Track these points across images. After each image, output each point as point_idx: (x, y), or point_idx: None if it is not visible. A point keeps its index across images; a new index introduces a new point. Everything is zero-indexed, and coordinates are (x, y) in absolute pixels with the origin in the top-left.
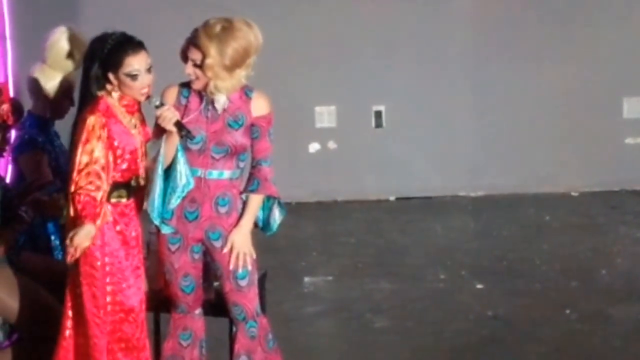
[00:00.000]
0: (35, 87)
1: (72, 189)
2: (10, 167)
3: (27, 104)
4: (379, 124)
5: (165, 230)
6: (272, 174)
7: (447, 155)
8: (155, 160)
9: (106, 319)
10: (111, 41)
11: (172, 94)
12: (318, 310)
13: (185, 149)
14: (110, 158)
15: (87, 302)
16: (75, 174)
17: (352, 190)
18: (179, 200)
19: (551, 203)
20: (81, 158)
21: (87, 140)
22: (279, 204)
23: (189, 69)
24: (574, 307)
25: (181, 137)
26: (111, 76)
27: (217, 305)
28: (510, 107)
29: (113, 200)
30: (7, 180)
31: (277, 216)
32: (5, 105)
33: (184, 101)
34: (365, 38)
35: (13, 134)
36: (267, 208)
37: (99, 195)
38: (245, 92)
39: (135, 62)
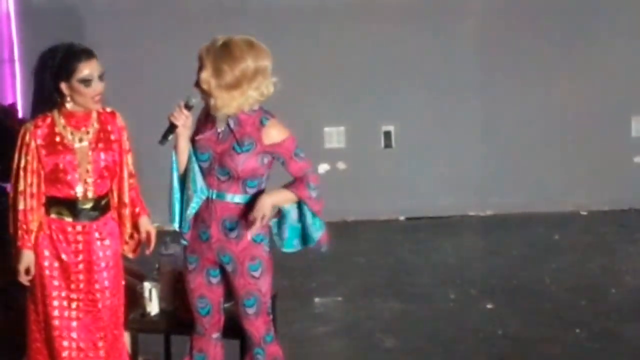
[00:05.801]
0: None
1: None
2: None
3: None
4: (388, 144)
5: (182, 242)
6: (315, 181)
7: (456, 174)
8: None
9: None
10: (63, 50)
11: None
12: (328, 331)
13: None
14: (39, 168)
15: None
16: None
17: (362, 211)
18: (196, 208)
19: (560, 222)
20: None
21: (19, 149)
22: (314, 217)
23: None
24: (583, 326)
25: (162, 137)
26: (63, 85)
27: (228, 328)
28: (518, 126)
29: (52, 215)
30: None
31: (316, 229)
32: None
33: (202, 118)
34: (373, 59)
35: None
36: (318, 227)
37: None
38: (261, 119)
39: (88, 68)
